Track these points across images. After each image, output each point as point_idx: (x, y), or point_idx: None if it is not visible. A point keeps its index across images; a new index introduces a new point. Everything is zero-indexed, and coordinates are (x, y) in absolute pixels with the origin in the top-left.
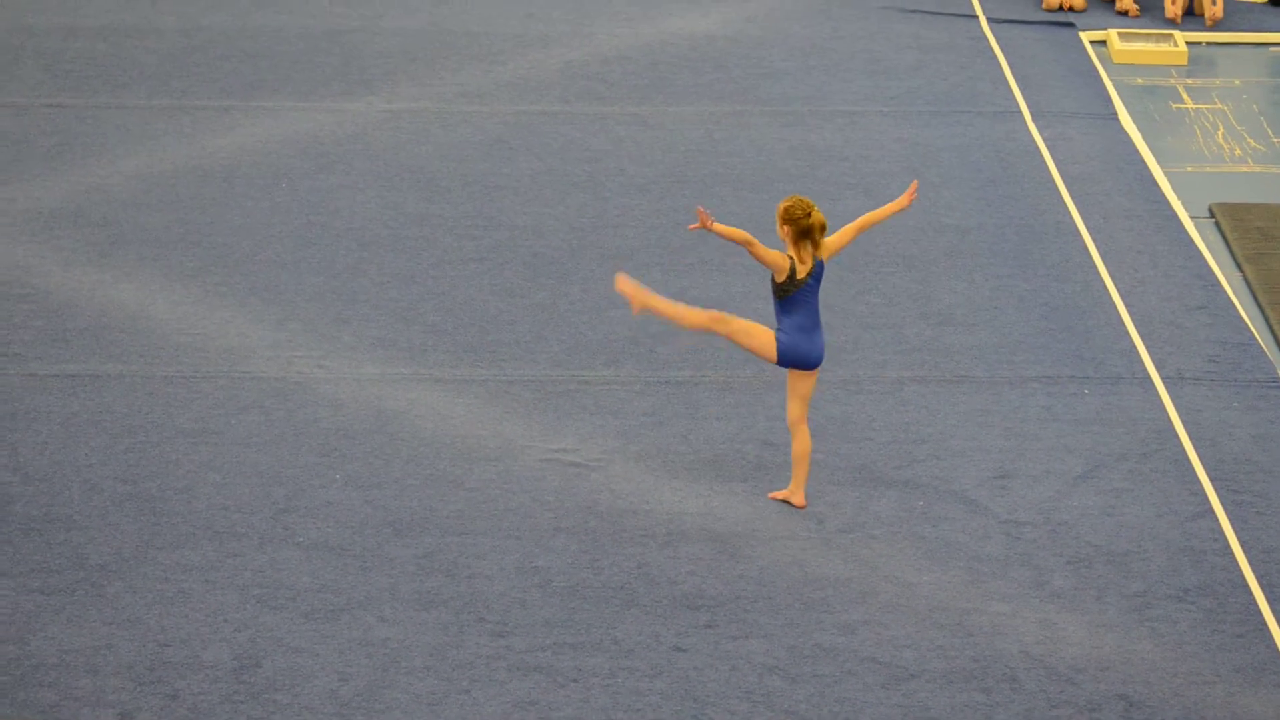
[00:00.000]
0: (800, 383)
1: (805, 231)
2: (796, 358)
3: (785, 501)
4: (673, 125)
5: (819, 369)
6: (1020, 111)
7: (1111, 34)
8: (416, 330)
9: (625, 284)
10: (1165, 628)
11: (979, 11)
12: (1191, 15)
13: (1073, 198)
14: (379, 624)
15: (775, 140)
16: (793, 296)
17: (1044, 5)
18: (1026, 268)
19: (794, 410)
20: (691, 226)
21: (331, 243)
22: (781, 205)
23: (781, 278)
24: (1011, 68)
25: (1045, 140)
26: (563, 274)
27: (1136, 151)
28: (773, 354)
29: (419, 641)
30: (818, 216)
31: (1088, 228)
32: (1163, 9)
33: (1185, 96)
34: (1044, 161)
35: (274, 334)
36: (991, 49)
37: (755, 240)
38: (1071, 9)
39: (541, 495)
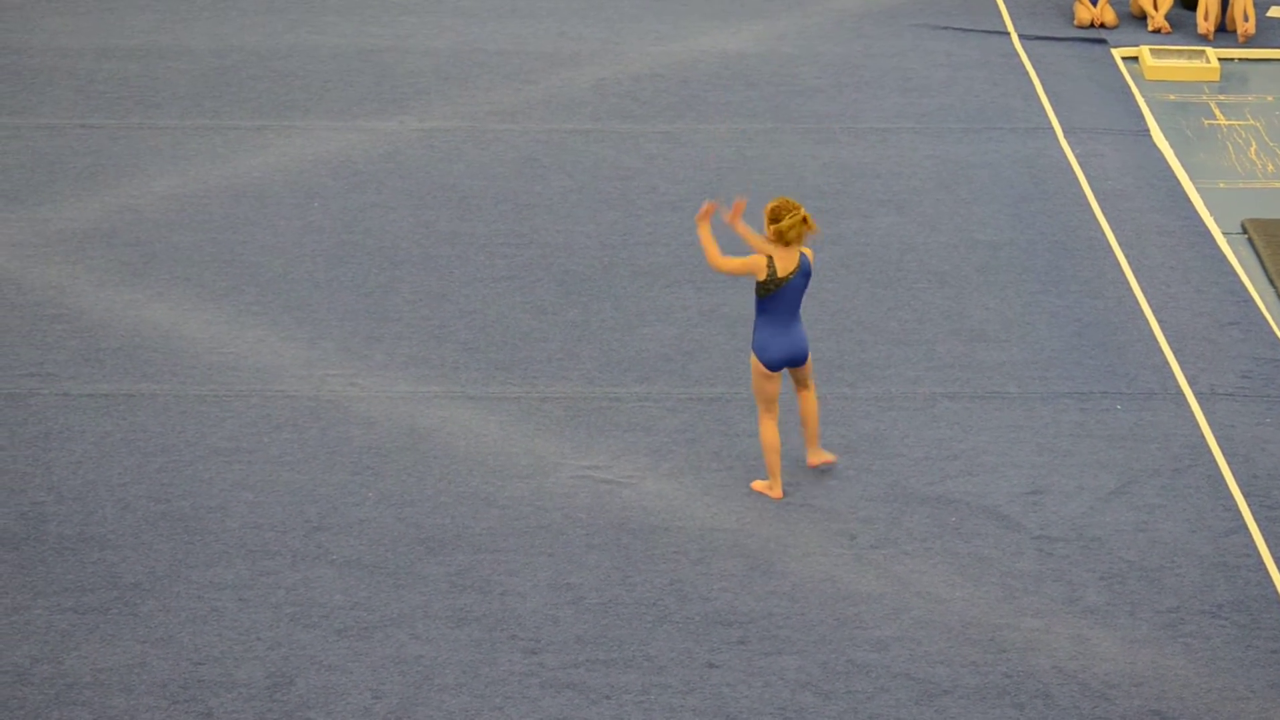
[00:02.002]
0: (796, 374)
1: (789, 237)
2: (782, 358)
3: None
4: (704, 143)
5: (810, 360)
6: (1052, 128)
7: (1144, 50)
8: (449, 348)
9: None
10: (1198, 643)
11: (1011, 29)
12: (1224, 32)
13: (1105, 214)
14: (412, 641)
15: (807, 157)
16: (775, 294)
17: (1076, 22)
18: (1059, 284)
19: (800, 393)
20: (725, 216)
21: (364, 261)
22: (769, 205)
23: (762, 276)
24: (1043, 84)
25: (1077, 156)
26: (595, 291)
27: (1169, 167)
28: (764, 370)
29: (452, 659)
30: (803, 216)
31: (1120, 244)
32: (1195, 26)
33: (1217, 113)
34: (1076, 178)
35: (306, 353)
36: (1023, 66)
37: (721, 261)
38: (1104, 26)
39: (574, 512)
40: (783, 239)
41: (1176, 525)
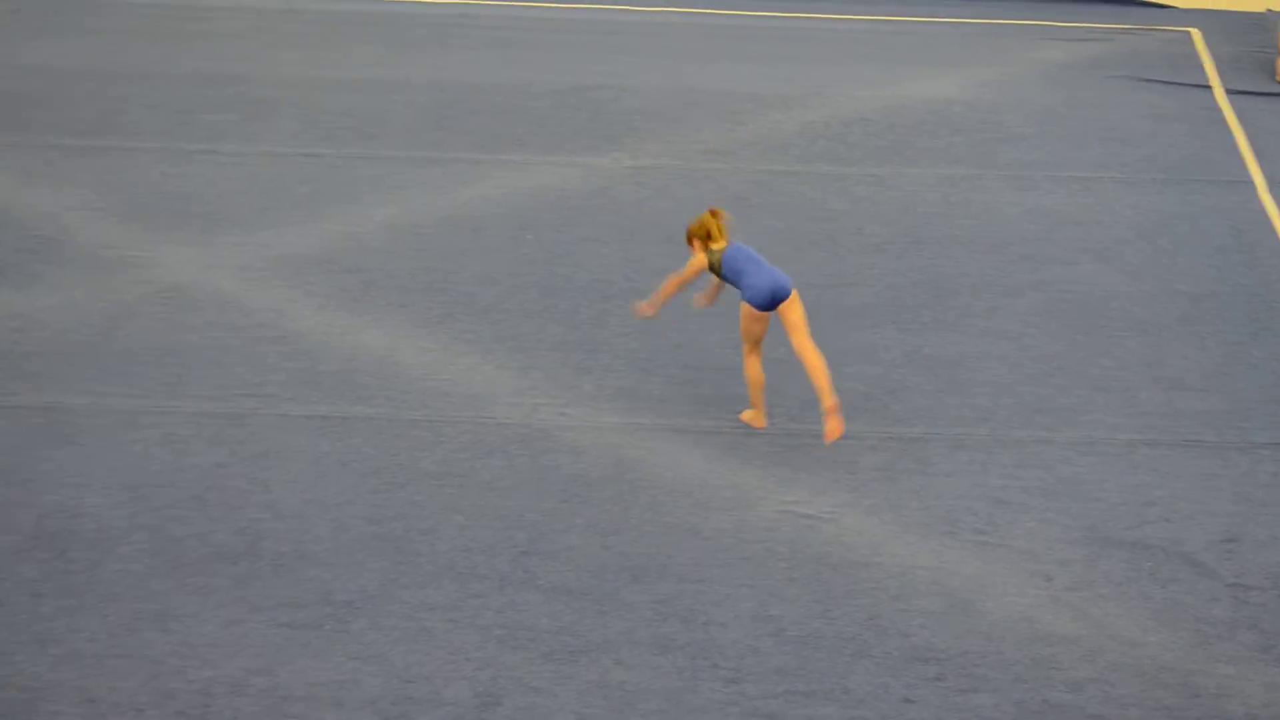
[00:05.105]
0: (788, 315)
1: (708, 237)
2: (767, 297)
3: (830, 415)
4: (910, 187)
5: (795, 294)
6: (1253, 181)
7: None
8: (656, 381)
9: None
10: None
11: (1214, 82)
12: None
13: None
14: (616, 667)
15: (1010, 204)
16: (724, 273)
17: (1278, 77)
18: (1258, 335)
19: (796, 342)
20: (638, 316)
21: (574, 294)
22: (689, 227)
23: (707, 266)
24: (1245, 138)
25: (1279, 210)
26: None
27: None
28: (752, 310)
29: (654, 685)
30: (714, 223)
31: None
32: None
33: None
34: (1276, 231)
35: (517, 381)
36: (1225, 119)
37: (677, 279)
38: None
39: (775, 545)
40: (714, 237)
41: None
